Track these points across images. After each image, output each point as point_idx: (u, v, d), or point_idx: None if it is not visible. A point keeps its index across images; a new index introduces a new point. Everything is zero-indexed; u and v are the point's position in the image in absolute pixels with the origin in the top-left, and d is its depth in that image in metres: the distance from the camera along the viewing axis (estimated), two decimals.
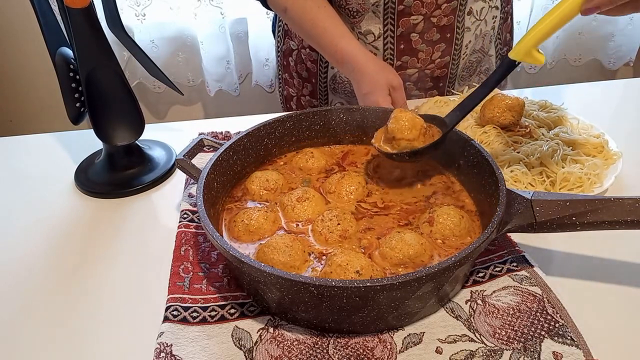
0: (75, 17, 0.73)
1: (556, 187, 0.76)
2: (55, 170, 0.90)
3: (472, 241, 0.59)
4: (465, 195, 0.73)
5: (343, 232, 0.64)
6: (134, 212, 0.80)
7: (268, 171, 0.77)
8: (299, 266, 0.60)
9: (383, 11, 0.99)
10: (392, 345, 0.55)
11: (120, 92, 0.82)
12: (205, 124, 1.02)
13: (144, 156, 0.89)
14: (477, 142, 0.71)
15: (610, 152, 0.81)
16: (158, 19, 1.87)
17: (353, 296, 0.52)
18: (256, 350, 0.55)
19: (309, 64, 1.15)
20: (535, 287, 0.61)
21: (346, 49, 0.91)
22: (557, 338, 0.55)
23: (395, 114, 0.72)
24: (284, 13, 0.99)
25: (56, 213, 0.80)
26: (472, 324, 0.57)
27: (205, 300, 0.61)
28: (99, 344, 0.59)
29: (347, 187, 0.72)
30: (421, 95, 1.13)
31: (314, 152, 0.80)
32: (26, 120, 2.17)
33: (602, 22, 2.03)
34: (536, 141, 0.83)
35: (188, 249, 0.69)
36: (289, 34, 1.17)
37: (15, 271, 0.70)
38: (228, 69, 1.99)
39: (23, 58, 1.99)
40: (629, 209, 0.56)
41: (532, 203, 0.59)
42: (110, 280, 0.68)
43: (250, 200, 0.73)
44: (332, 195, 0.73)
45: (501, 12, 1.11)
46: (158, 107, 2.17)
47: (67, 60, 0.80)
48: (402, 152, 0.71)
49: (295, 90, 1.22)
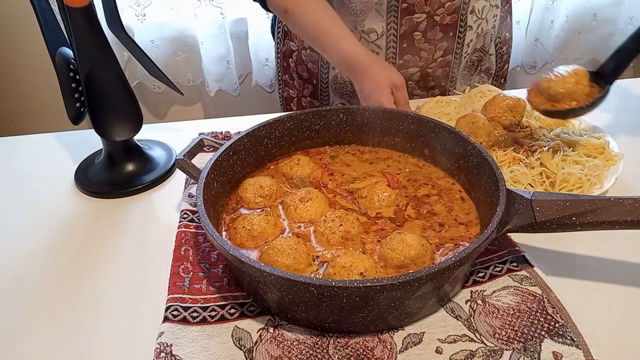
0: (75, 16, 0.73)
1: (556, 188, 0.76)
2: (55, 170, 0.90)
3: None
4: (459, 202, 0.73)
5: (345, 233, 0.64)
6: (134, 212, 0.80)
7: (260, 177, 0.75)
8: (302, 269, 0.60)
9: (386, 9, 0.99)
10: (392, 345, 0.55)
11: (120, 92, 0.82)
12: (205, 124, 1.02)
13: (144, 156, 0.89)
14: (477, 142, 0.71)
15: (611, 153, 0.81)
16: (158, 19, 1.87)
17: (353, 296, 0.52)
18: (256, 350, 0.55)
19: (310, 64, 1.14)
20: (535, 287, 0.61)
21: (348, 49, 0.91)
22: (557, 338, 0.55)
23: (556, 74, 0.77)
24: (284, 15, 0.99)
25: (56, 213, 0.80)
26: (472, 324, 0.57)
27: (205, 300, 0.61)
28: (98, 344, 0.59)
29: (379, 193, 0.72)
30: (423, 94, 1.13)
31: (300, 159, 0.78)
32: (26, 120, 2.17)
33: (602, 22, 2.03)
34: (537, 141, 0.83)
35: (188, 249, 0.69)
36: (289, 35, 1.16)
37: (15, 271, 0.70)
38: (228, 69, 1.99)
39: (23, 58, 1.99)
40: (629, 209, 0.57)
41: (532, 203, 0.59)
42: (110, 280, 0.68)
43: (245, 208, 0.72)
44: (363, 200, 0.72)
45: (501, 11, 1.12)
46: (158, 107, 2.17)
47: (67, 60, 0.80)
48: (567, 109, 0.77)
49: (296, 92, 1.22)
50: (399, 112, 0.81)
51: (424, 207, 0.71)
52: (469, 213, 0.70)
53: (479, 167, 0.69)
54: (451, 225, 0.68)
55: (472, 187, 0.72)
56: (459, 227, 0.68)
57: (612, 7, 1.99)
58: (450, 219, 0.69)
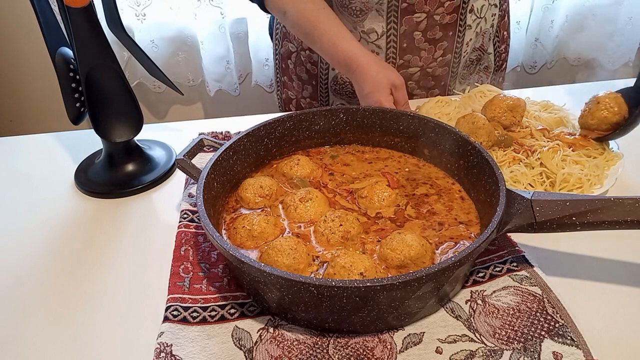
0: (75, 16, 0.73)
1: (556, 188, 0.76)
2: (55, 170, 0.90)
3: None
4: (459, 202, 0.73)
5: (345, 234, 0.64)
6: (134, 212, 0.80)
7: (260, 177, 0.75)
8: (302, 269, 0.60)
9: (387, 9, 0.99)
10: (392, 345, 0.55)
11: (120, 92, 0.82)
12: (205, 124, 1.02)
13: (144, 156, 0.89)
14: (477, 142, 0.71)
15: (611, 153, 0.81)
16: (158, 19, 1.87)
17: (353, 296, 0.52)
18: (256, 350, 0.55)
19: (309, 65, 1.14)
20: (535, 287, 0.61)
21: (347, 50, 0.91)
22: (557, 338, 0.55)
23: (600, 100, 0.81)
24: (283, 16, 0.99)
25: (56, 213, 0.80)
26: (472, 324, 0.57)
27: (205, 300, 0.61)
28: (98, 344, 0.59)
29: (379, 193, 0.72)
30: (423, 94, 1.13)
31: (300, 159, 0.78)
32: (26, 120, 2.17)
33: (601, 22, 2.03)
34: (537, 141, 0.83)
35: (188, 249, 0.69)
36: (288, 37, 1.16)
37: (15, 271, 0.70)
38: (228, 69, 1.99)
39: (23, 58, 1.99)
40: (629, 209, 0.57)
41: (532, 203, 0.59)
42: (110, 280, 0.67)
43: (245, 208, 0.72)
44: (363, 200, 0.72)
45: (499, 10, 1.12)
46: (158, 107, 2.17)
47: (67, 60, 0.80)
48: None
49: (295, 93, 1.21)
50: (399, 112, 0.81)
51: (424, 207, 0.71)
52: (468, 212, 0.70)
53: (479, 167, 0.69)
54: (451, 225, 0.68)
55: (472, 187, 0.72)
56: (458, 226, 0.68)
57: (611, 7, 1.99)
58: (450, 218, 0.69)
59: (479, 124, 0.82)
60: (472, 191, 0.72)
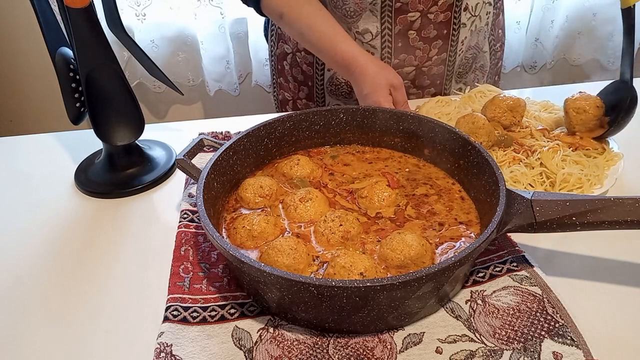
0: (75, 17, 0.73)
1: (556, 188, 0.76)
2: (55, 170, 0.90)
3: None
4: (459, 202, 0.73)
5: (345, 234, 0.64)
6: (134, 212, 0.80)
7: (260, 177, 0.75)
8: (302, 269, 0.60)
9: (380, 9, 0.99)
10: (392, 345, 0.55)
11: (120, 92, 0.82)
12: (205, 124, 1.02)
13: (144, 156, 0.89)
14: (477, 142, 0.71)
15: (611, 153, 0.81)
16: (158, 19, 1.87)
17: (353, 296, 0.52)
18: (256, 350, 0.55)
19: (305, 67, 1.14)
20: (535, 287, 0.61)
21: (345, 51, 0.91)
22: (557, 338, 0.55)
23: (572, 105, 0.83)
24: (280, 19, 0.99)
25: (56, 213, 0.80)
26: (472, 324, 0.57)
27: (205, 300, 0.61)
28: (98, 344, 0.59)
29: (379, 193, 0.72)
30: (418, 93, 1.13)
31: (300, 159, 0.78)
32: (26, 120, 2.17)
33: (601, 22, 2.03)
34: (537, 141, 0.83)
35: (188, 249, 0.69)
36: (283, 38, 1.16)
37: (15, 271, 0.70)
38: (228, 69, 1.99)
39: (23, 58, 1.99)
40: (629, 209, 0.57)
41: (532, 203, 0.59)
42: (110, 280, 0.67)
43: (245, 208, 0.72)
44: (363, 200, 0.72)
45: (494, 8, 1.12)
46: (158, 107, 2.17)
47: (67, 60, 0.80)
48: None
49: (291, 94, 1.21)
50: (399, 112, 0.81)
51: (424, 207, 0.71)
52: (468, 213, 0.70)
53: (479, 167, 0.69)
54: (451, 225, 0.68)
55: (472, 187, 0.72)
56: (458, 226, 0.68)
57: (611, 7, 1.99)
58: (450, 218, 0.69)
59: (479, 124, 0.82)
60: (472, 191, 0.72)
